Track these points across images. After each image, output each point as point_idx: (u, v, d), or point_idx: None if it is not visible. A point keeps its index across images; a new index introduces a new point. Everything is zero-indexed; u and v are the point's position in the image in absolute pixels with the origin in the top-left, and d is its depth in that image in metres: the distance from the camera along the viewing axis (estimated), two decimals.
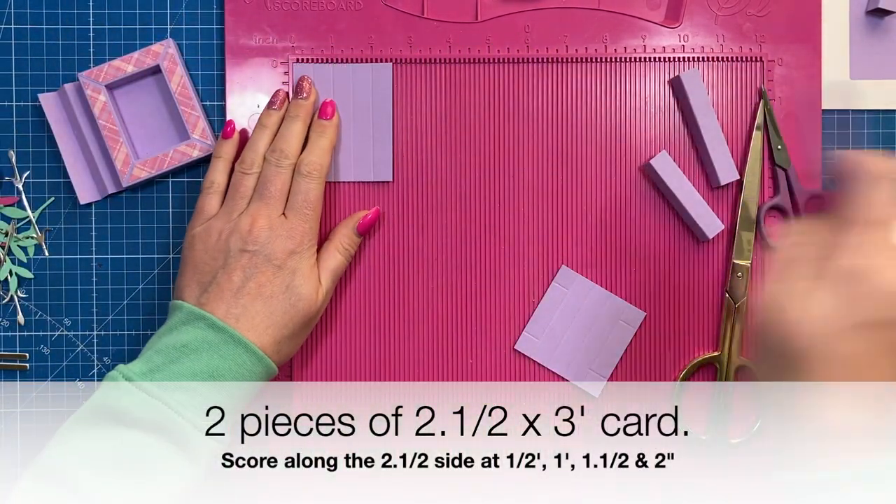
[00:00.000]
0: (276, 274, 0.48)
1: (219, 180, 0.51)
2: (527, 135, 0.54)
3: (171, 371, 0.45)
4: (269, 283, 0.48)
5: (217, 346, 0.46)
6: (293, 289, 0.48)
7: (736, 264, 0.54)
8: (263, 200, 0.49)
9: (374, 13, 0.54)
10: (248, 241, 0.48)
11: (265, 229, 0.48)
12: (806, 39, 0.55)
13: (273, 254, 0.48)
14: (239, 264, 0.48)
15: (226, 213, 0.50)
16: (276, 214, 0.49)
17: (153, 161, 0.53)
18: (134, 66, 0.53)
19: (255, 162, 0.50)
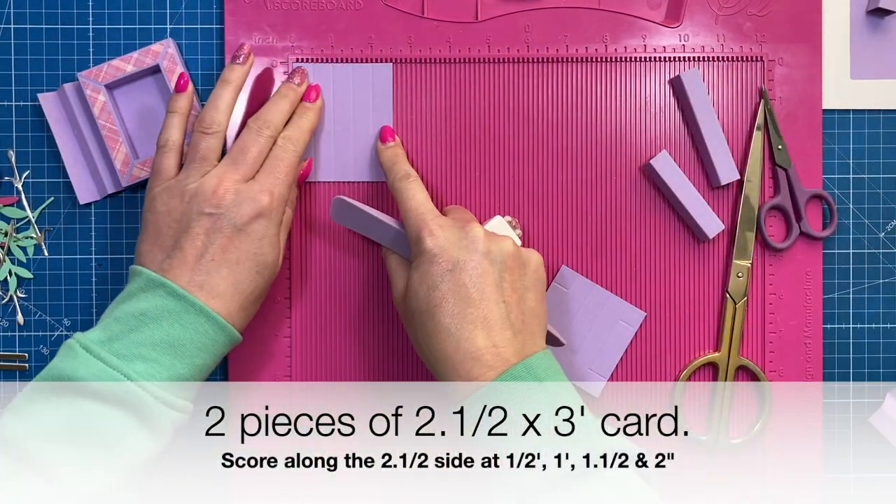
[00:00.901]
0: (240, 238, 0.46)
1: (174, 137, 0.49)
2: (527, 135, 0.54)
3: (129, 340, 0.44)
4: (234, 247, 0.46)
5: (178, 315, 0.45)
6: (260, 256, 0.47)
7: (736, 264, 0.54)
8: (236, 165, 0.48)
9: (374, 13, 0.54)
10: (212, 204, 0.46)
11: (231, 192, 0.47)
12: (806, 39, 0.54)
13: (238, 217, 0.46)
14: (202, 227, 0.46)
15: (187, 175, 0.48)
16: (244, 179, 0.48)
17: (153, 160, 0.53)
18: (133, 65, 0.53)
19: (217, 121, 0.49)
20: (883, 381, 0.56)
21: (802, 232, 0.54)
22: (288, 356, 0.54)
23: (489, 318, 0.44)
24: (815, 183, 0.54)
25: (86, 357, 0.43)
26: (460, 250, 0.45)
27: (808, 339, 0.55)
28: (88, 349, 0.43)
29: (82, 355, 0.43)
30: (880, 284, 0.56)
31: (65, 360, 0.44)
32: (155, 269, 0.46)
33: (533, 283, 0.47)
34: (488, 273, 0.45)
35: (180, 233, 0.46)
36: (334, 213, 0.51)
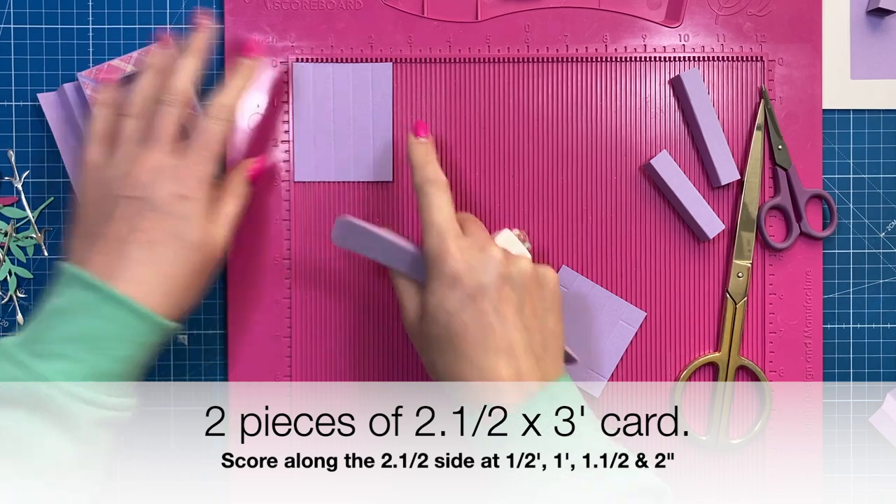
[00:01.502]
0: (161, 220, 0.44)
1: (100, 128, 0.48)
2: (527, 135, 0.54)
3: (48, 338, 0.42)
4: (154, 230, 0.44)
5: (95, 307, 0.42)
6: (183, 237, 0.45)
7: (736, 264, 0.54)
8: (148, 142, 0.46)
9: (374, 13, 0.54)
10: (128, 186, 0.44)
11: (147, 172, 0.45)
12: (806, 39, 0.54)
13: (157, 198, 0.44)
14: (120, 212, 0.44)
15: (109, 160, 0.46)
16: (161, 156, 0.45)
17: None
18: (133, 65, 0.53)
19: (138, 104, 0.47)
20: (883, 381, 0.56)
21: (802, 232, 0.54)
22: (288, 356, 0.54)
23: (512, 346, 0.43)
24: (815, 183, 0.54)
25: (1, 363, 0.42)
26: (482, 275, 0.43)
27: (809, 339, 0.55)
28: (4, 353, 0.42)
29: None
30: (880, 284, 0.56)
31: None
32: (77, 260, 0.44)
33: (552, 304, 0.46)
34: (510, 299, 0.44)
35: (101, 220, 0.45)
36: (338, 237, 0.48)
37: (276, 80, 0.54)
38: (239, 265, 0.54)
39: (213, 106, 0.47)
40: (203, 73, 0.55)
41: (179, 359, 0.55)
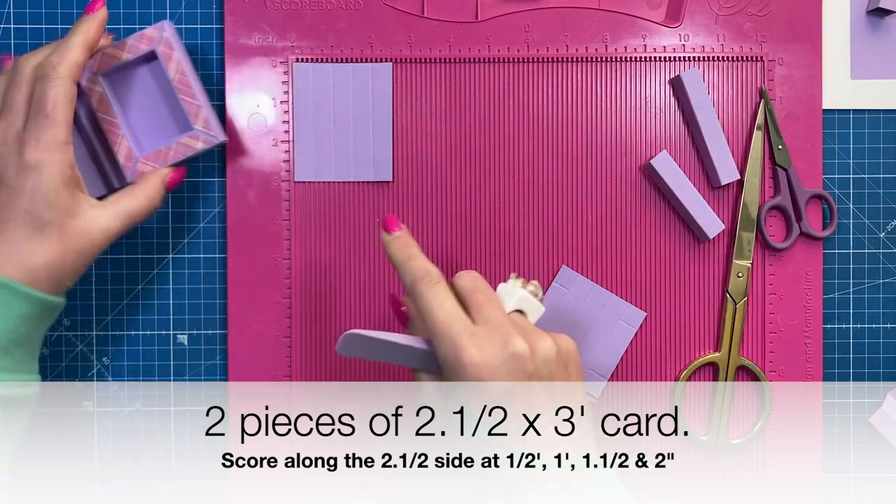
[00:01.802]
0: (11, 196, 0.43)
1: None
2: (527, 135, 0.54)
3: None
4: (6, 207, 0.43)
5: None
6: (33, 213, 0.43)
7: (736, 264, 0.54)
8: (2, 114, 0.44)
9: (374, 13, 0.54)
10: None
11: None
12: (806, 39, 0.54)
13: (4, 172, 0.43)
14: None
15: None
16: (13, 128, 0.43)
17: (156, 155, 0.50)
18: (128, 52, 0.49)
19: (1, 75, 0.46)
20: (883, 381, 0.56)
21: (802, 232, 0.54)
22: (288, 356, 0.54)
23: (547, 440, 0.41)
24: (815, 183, 0.54)
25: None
26: (507, 374, 0.40)
27: (809, 339, 0.55)
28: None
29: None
30: (880, 284, 0.56)
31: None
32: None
33: (577, 377, 0.43)
34: (540, 396, 0.41)
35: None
36: (344, 349, 0.43)
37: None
38: (239, 265, 0.54)
39: (42, 65, 0.44)
40: (203, 73, 0.55)
41: (179, 359, 0.55)
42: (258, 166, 0.54)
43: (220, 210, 0.55)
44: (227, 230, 0.54)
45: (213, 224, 0.55)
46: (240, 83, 0.54)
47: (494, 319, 0.42)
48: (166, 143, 0.50)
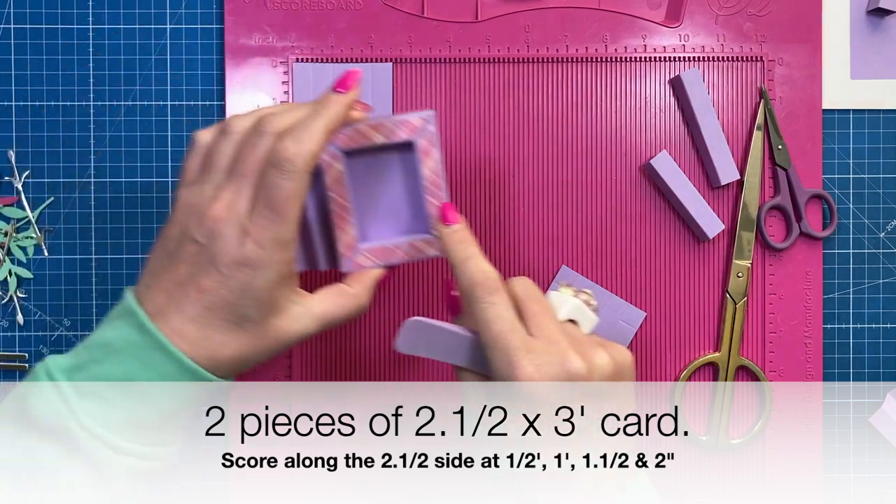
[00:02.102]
0: (220, 282, 0.39)
1: (206, 139, 0.42)
2: (527, 135, 0.54)
3: (90, 372, 0.39)
4: (212, 291, 0.39)
5: (139, 350, 0.39)
6: (237, 308, 0.39)
7: (736, 264, 0.54)
8: (233, 179, 0.39)
9: (374, 13, 0.54)
10: (200, 228, 0.39)
11: (221, 220, 0.39)
12: (806, 39, 0.54)
13: (219, 255, 0.39)
14: (187, 255, 0.39)
15: (200, 183, 0.40)
16: (242, 201, 0.39)
17: (382, 251, 0.45)
18: (384, 135, 0.43)
19: (242, 124, 0.41)
20: (883, 381, 0.56)
21: (802, 232, 0.54)
22: (288, 356, 0.54)
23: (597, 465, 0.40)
24: (815, 183, 0.54)
25: (43, 385, 0.39)
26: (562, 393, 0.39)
27: (809, 339, 0.55)
28: (51, 375, 0.39)
29: (42, 380, 0.39)
30: (880, 284, 0.56)
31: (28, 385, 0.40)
32: (140, 286, 0.41)
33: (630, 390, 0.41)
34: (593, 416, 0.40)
35: (173, 251, 0.40)
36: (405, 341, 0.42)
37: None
38: None
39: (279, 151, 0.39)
40: (202, 73, 0.55)
41: None
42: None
43: None
44: None
45: None
46: (240, 83, 0.54)
47: (550, 332, 0.40)
48: (395, 240, 0.45)
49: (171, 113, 0.55)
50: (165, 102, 0.55)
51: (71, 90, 0.55)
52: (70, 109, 0.55)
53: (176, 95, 0.55)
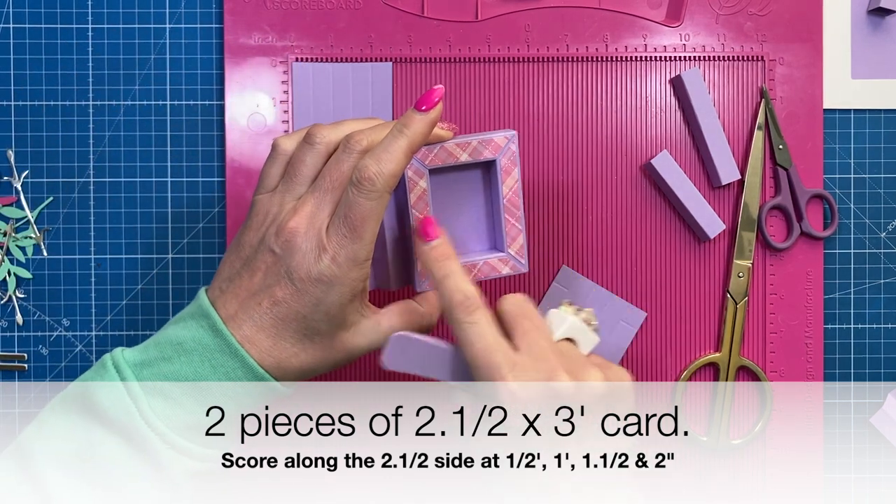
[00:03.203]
0: (294, 295, 0.40)
1: (287, 147, 0.42)
2: (527, 134, 0.54)
3: (159, 369, 0.39)
4: (284, 303, 0.40)
5: (211, 353, 0.40)
6: (309, 322, 0.40)
7: (737, 264, 0.54)
8: (315, 192, 0.40)
9: (374, 12, 0.54)
10: (278, 239, 0.40)
11: (300, 234, 0.39)
12: (807, 39, 0.54)
13: (295, 269, 0.39)
14: (263, 264, 0.40)
15: (281, 192, 0.41)
16: (322, 215, 0.40)
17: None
18: (469, 154, 0.44)
19: (326, 138, 0.41)
20: (884, 381, 0.55)
21: (803, 232, 0.54)
22: None
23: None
24: (815, 183, 0.54)
25: (112, 377, 0.39)
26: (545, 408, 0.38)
27: (809, 339, 0.54)
28: (119, 369, 0.40)
29: (111, 373, 0.40)
30: (881, 284, 0.56)
31: (95, 372, 0.40)
32: (215, 288, 0.42)
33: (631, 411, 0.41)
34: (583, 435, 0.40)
35: (249, 258, 0.41)
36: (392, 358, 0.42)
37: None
38: None
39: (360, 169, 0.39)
40: (202, 73, 0.55)
41: None
42: (258, 166, 0.54)
43: (220, 210, 0.55)
44: (227, 230, 0.54)
45: (212, 224, 0.55)
46: (240, 83, 0.54)
47: (539, 349, 0.39)
48: (472, 258, 0.46)
49: (170, 113, 0.55)
50: (165, 102, 0.54)
51: (70, 90, 0.54)
52: (69, 109, 0.55)
53: (176, 95, 0.55)
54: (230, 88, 0.54)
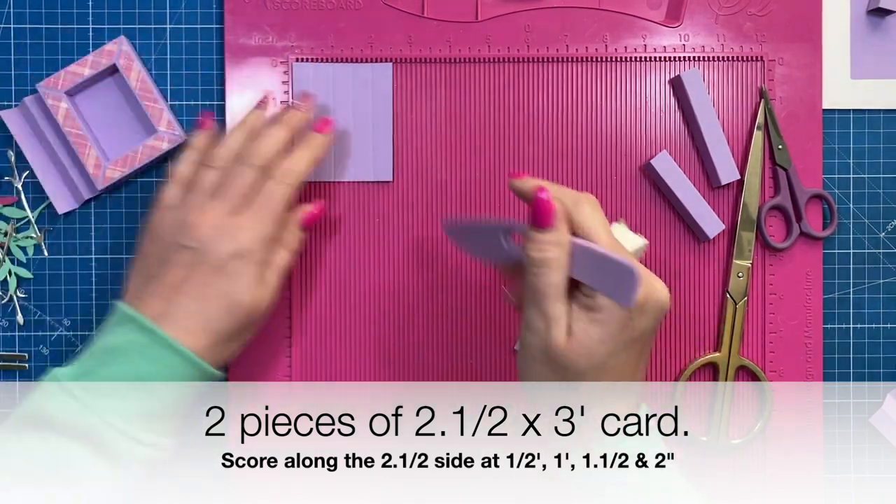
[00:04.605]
0: (214, 275, 0.45)
1: (183, 172, 0.49)
2: (527, 135, 0.54)
3: (99, 375, 0.44)
4: (207, 284, 0.45)
5: (145, 349, 0.44)
6: (231, 295, 0.46)
7: (736, 264, 0.54)
8: (219, 198, 0.47)
9: (374, 12, 0.54)
10: (190, 237, 0.46)
11: (210, 227, 0.46)
12: (807, 39, 0.54)
13: (213, 254, 0.45)
14: (179, 260, 0.46)
15: (181, 206, 0.47)
16: (225, 213, 0.46)
17: (124, 160, 0.53)
18: (90, 68, 0.53)
19: (223, 158, 0.48)
20: (883, 381, 0.56)
21: (803, 232, 0.54)
22: (288, 356, 0.54)
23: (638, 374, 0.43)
24: (815, 183, 0.54)
25: (56, 391, 0.43)
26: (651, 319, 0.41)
27: (809, 339, 0.54)
28: (59, 384, 0.44)
29: (53, 389, 0.44)
30: (881, 284, 0.56)
31: (38, 393, 0.44)
32: (131, 298, 0.46)
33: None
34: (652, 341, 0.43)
35: (161, 262, 0.46)
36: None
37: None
38: None
39: (279, 169, 0.48)
40: (203, 73, 0.55)
41: None
42: None
43: None
44: None
45: None
46: (240, 83, 0.54)
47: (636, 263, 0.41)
48: (133, 147, 0.53)
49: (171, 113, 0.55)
50: (165, 102, 0.54)
51: None
52: None
53: (176, 95, 0.55)
54: (231, 89, 0.54)
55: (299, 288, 0.54)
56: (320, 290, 0.54)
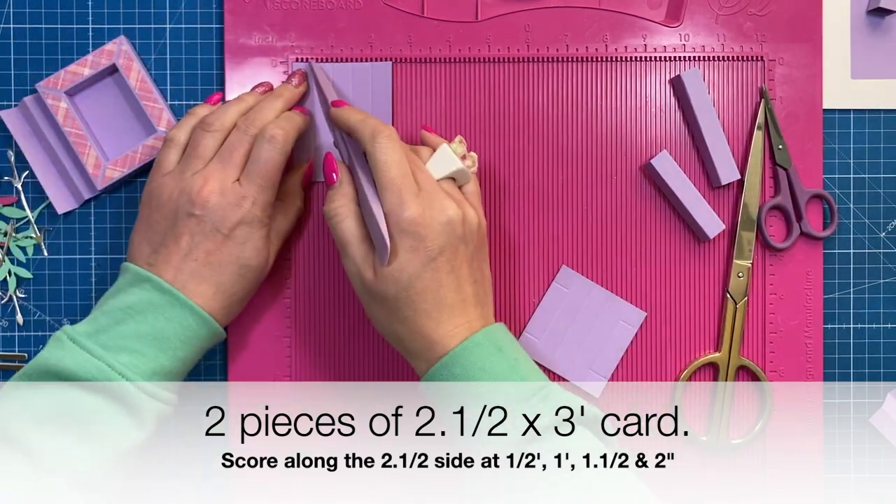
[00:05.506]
0: (223, 243, 0.47)
1: (181, 137, 0.49)
2: (527, 134, 0.54)
3: (116, 332, 0.45)
4: (217, 251, 0.47)
5: (162, 308, 0.46)
6: (243, 261, 0.48)
7: (737, 264, 0.54)
8: (223, 165, 0.48)
9: (374, 12, 0.54)
10: (196, 204, 0.47)
11: (215, 194, 0.47)
12: (807, 39, 0.54)
13: (220, 221, 0.47)
14: (186, 228, 0.47)
15: (180, 172, 0.48)
16: (230, 180, 0.47)
17: (124, 159, 0.53)
18: (90, 68, 0.53)
19: (220, 124, 0.49)
20: (883, 381, 0.56)
21: (803, 232, 0.54)
22: (288, 356, 0.54)
23: (465, 299, 0.45)
24: (815, 183, 0.54)
25: (72, 348, 0.44)
26: (440, 236, 0.44)
27: (809, 339, 0.54)
28: (75, 340, 0.45)
29: (69, 346, 0.44)
30: (881, 284, 0.56)
31: (52, 350, 0.45)
32: (142, 263, 0.47)
33: (486, 250, 0.48)
34: (464, 258, 0.46)
35: (168, 230, 0.47)
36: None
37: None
38: None
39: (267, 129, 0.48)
40: (203, 73, 0.55)
41: None
42: None
43: None
44: None
45: None
46: (240, 83, 0.54)
47: (429, 186, 0.46)
48: (133, 147, 0.53)
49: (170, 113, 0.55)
50: (165, 102, 0.54)
51: None
52: None
53: (176, 95, 0.55)
54: (230, 89, 0.54)
55: (299, 288, 0.54)
56: (320, 290, 0.54)
